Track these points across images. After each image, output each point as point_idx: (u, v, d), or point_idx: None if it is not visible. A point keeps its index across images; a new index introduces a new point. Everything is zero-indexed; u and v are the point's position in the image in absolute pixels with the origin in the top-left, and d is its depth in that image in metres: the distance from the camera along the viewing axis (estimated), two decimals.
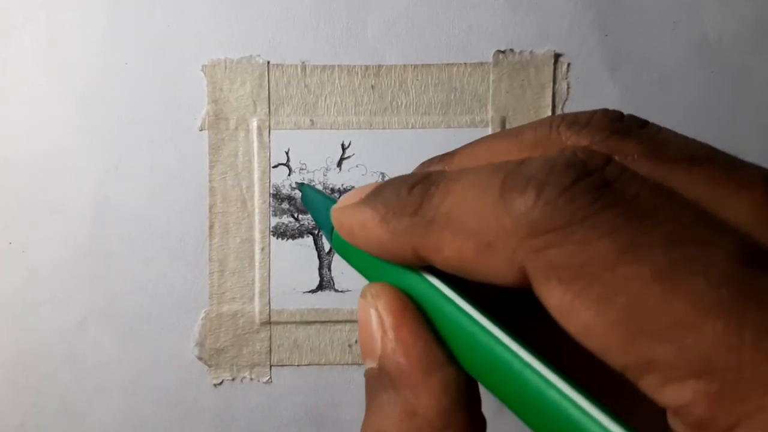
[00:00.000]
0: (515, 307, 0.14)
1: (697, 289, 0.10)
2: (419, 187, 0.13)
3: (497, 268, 0.12)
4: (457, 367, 0.14)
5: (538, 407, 0.12)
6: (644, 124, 0.13)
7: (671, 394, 0.10)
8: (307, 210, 0.17)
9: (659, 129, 0.13)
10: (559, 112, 0.32)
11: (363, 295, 0.15)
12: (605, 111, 0.13)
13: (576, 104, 0.32)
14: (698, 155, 0.12)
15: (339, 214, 0.15)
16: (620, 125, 0.13)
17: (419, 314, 0.14)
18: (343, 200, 0.15)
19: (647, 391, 0.11)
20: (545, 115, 0.32)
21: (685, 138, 0.13)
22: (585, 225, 0.11)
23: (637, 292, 0.10)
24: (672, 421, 0.11)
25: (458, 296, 0.14)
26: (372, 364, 0.14)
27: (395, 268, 0.14)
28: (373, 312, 0.14)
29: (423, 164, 0.16)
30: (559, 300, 0.11)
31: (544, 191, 0.12)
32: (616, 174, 0.12)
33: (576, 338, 0.11)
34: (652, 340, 0.10)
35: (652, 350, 0.10)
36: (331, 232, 0.16)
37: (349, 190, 0.33)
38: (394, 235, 0.14)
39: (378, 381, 0.14)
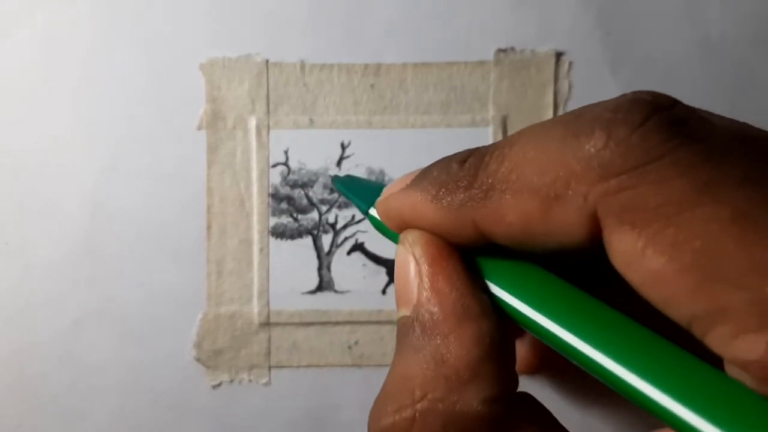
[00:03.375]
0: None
1: None
2: (472, 159, 0.13)
3: (566, 222, 0.11)
4: (492, 321, 0.13)
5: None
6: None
7: (742, 346, 0.09)
8: (345, 196, 0.17)
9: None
10: (561, 111, 0.32)
11: (402, 241, 0.14)
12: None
13: (578, 103, 0.32)
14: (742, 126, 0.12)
15: (384, 203, 0.15)
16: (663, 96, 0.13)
17: (457, 263, 0.14)
18: (386, 191, 0.15)
19: (713, 345, 0.10)
20: (547, 115, 0.32)
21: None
22: (662, 163, 0.10)
23: (714, 235, 0.10)
24: (737, 376, 0.10)
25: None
26: (406, 311, 0.14)
27: None
28: (411, 259, 0.14)
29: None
30: (630, 247, 0.11)
31: (614, 130, 0.11)
32: (686, 113, 0.11)
33: (640, 290, 0.11)
34: (727, 287, 0.10)
35: (726, 297, 0.10)
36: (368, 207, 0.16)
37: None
38: (449, 212, 0.13)
39: (410, 329, 0.14)
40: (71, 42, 0.32)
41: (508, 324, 0.14)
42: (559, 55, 0.32)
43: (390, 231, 0.15)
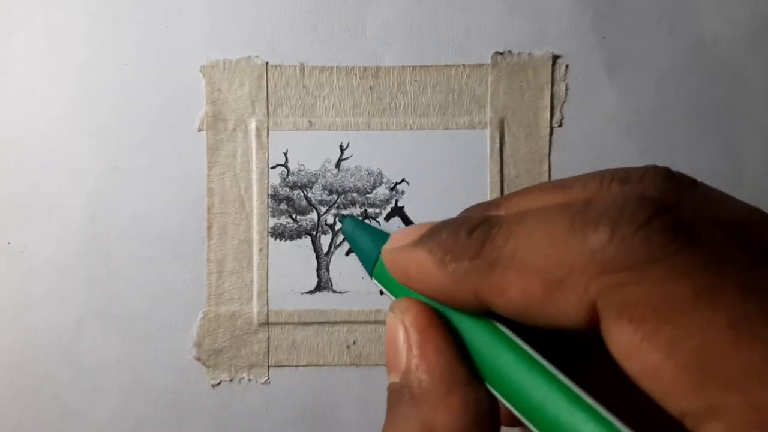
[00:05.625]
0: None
1: None
2: (480, 230, 0.13)
3: (565, 307, 0.12)
4: (479, 388, 0.14)
5: None
6: (695, 183, 0.13)
7: None
8: (348, 241, 0.17)
9: (710, 189, 0.13)
10: (557, 113, 0.32)
11: (392, 309, 0.15)
12: (656, 168, 0.13)
13: (575, 106, 0.32)
14: (751, 220, 0.12)
15: (392, 254, 0.15)
16: (672, 183, 0.13)
17: (446, 332, 0.14)
18: (395, 240, 0.15)
19: None
20: (544, 117, 0.32)
21: (737, 201, 0.13)
22: (662, 265, 0.11)
23: (710, 338, 0.10)
24: None
25: (512, 333, 0.13)
26: (395, 378, 0.14)
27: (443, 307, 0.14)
28: (400, 327, 0.14)
29: (468, 210, 0.15)
30: (627, 340, 0.11)
31: (619, 227, 0.11)
32: (690, 214, 0.12)
33: (637, 381, 0.11)
34: (720, 387, 0.10)
35: (719, 397, 0.10)
36: (372, 266, 0.16)
37: (348, 191, 0.33)
38: (453, 278, 0.13)
39: (399, 395, 0.14)
40: (72, 44, 0.32)
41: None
42: (555, 58, 0.32)
43: (393, 286, 0.16)
